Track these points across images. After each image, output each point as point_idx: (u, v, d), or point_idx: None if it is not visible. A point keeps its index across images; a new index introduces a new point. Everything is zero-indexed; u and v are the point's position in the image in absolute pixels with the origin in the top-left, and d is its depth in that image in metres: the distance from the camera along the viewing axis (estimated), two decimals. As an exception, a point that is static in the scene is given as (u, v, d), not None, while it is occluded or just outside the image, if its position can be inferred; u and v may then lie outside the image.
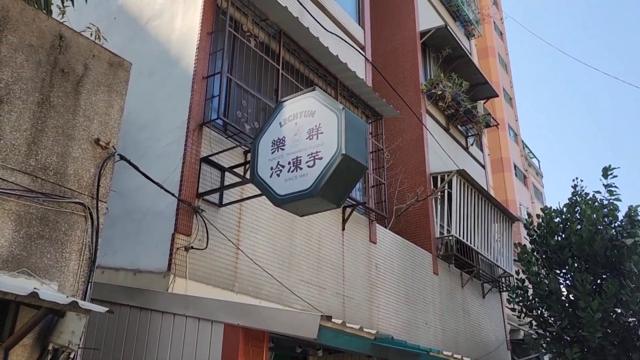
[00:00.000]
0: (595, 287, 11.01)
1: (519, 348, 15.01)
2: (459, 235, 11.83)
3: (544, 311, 11.73)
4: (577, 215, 11.86)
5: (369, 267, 9.21)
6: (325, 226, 8.27)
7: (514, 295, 12.13)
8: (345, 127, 5.08)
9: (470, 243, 12.16)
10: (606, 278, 11.00)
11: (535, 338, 11.86)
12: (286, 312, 5.12)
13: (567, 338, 11.13)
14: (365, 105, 9.90)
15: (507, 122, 31.44)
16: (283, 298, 6.99)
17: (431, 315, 10.78)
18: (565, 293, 11.46)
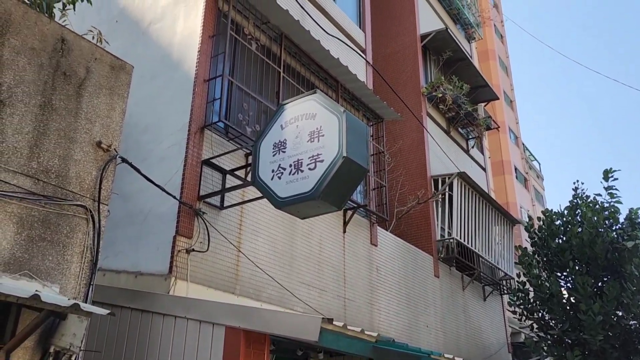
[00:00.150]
0: (596, 290, 11.00)
1: (520, 351, 14.98)
2: (460, 237, 11.82)
3: (545, 314, 11.71)
4: (578, 217, 11.85)
5: (370, 270, 9.20)
6: (326, 229, 8.26)
7: (515, 298, 12.12)
8: (346, 130, 5.08)
9: (471, 246, 12.15)
10: (607, 281, 10.99)
11: (536, 341, 11.84)
12: (287, 315, 5.11)
13: (568, 341, 11.10)
14: (366, 108, 9.90)
15: (508, 125, 31.45)
16: (284, 301, 6.99)
17: (432, 317, 10.76)
18: (566, 296, 11.44)
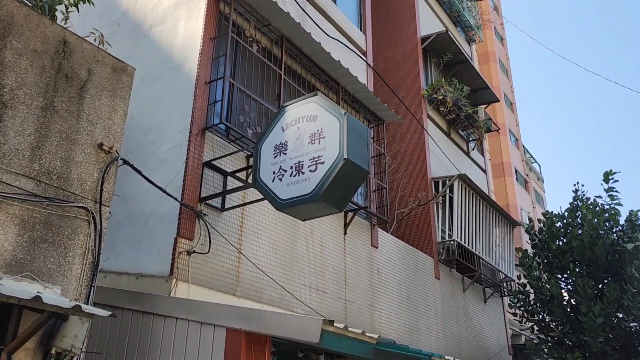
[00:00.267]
0: (596, 292, 10.99)
1: (521, 353, 14.96)
2: (461, 239, 11.81)
3: (546, 316, 11.70)
4: (579, 219, 11.84)
5: (371, 272, 9.19)
6: (327, 231, 8.26)
7: (516, 300, 12.10)
8: (347, 132, 5.08)
9: (471, 248, 12.15)
10: (607, 283, 10.98)
11: (536, 343, 11.83)
12: (288, 317, 5.11)
13: (569, 343, 11.09)
14: (366, 110, 9.91)
15: (508, 127, 31.43)
16: (285, 302, 6.98)
17: (433, 319, 10.75)
18: (566, 298, 11.43)
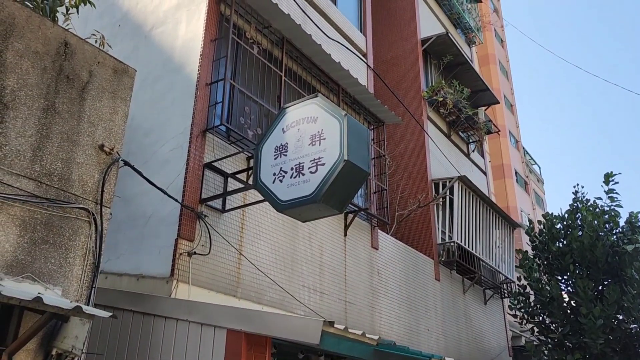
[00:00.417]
0: (596, 294, 10.97)
1: (521, 354, 14.94)
2: (461, 241, 11.80)
3: (546, 317, 11.68)
4: (579, 221, 11.82)
5: (371, 273, 9.19)
6: (327, 232, 8.26)
7: (516, 301, 12.09)
8: (347, 134, 5.08)
9: (471, 249, 12.14)
10: (607, 284, 10.96)
11: (536, 344, 11.81)
12: (288, 318, 5.10)
13: (569, 344, 11.07)
14: (367, 111, 9.91)
15: (508, 129, 31.44)
16: (285, 304, 6.98)
17: (433, 321, 10.74)
18: (566, 299, 11.41)
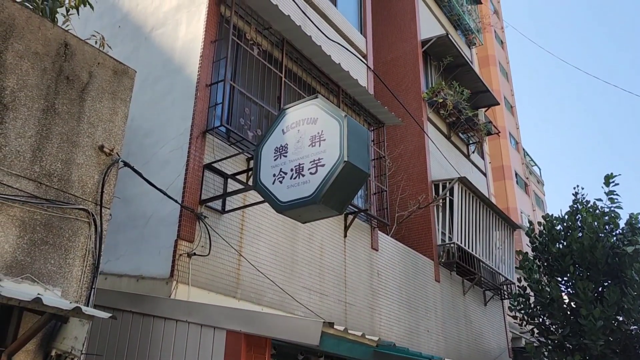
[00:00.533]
0: (596, 295, 10.96)
1: (521, 356, 14.92)
2: (461, 242, 11.80)
3: (546, 319, 11.67)
4: (579, 222, 11.82)
5: (371, 274, 9.18)
6: (327, 233, 8.26)
7: (516, 302, 12.08)
8: (347, 135, 5.08)
9: (471, 250, 12.13)
10: (608, 286, 10.95)
11: (536, 346, 11.79)
12: (288, 319, 5.10)
13: (569, 346, 11.06)
14: (367, 112, 9.91)
15: (508, 130, 31.45)
16: (285, 305, 6.98)
17: (433, 322, 10.73)
18: (566, 301, 11.40)
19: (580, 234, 11.41)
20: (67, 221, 4.23)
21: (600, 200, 11.89)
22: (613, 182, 11.65)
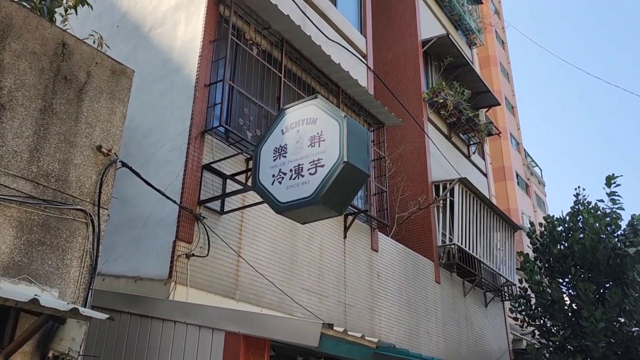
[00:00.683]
0: (598, 297, 10.95)
1: (522, 358, 14.90)
2: (461, 243, 11.79)
3: (547, 320, 11.66)
4: (580, 224, 11.81)
5: (371, 276, 9.18)
6: (327, 234, 8.25)
7: (517, 304, 12.07)
8: (347, 135, 5.08)
9: (472, 252, 12.13)
10: (609, 287, 10.94)
11: (538, 348, 11.78)
12: (287, 320, 5.10)
13: (570, 348, 11.05)
14: (367, 113, 9.91)
15: (509, 131, 31.46)
16: (284, 306, 6.97)
17: (433, 324, 10.73)
18: (568, 302, 11.39)
19: (581, 235, 11.40)
20: (65, 222, 4.23)
21: (601, 201, 11.89)
22: (615, 183, 11.65)
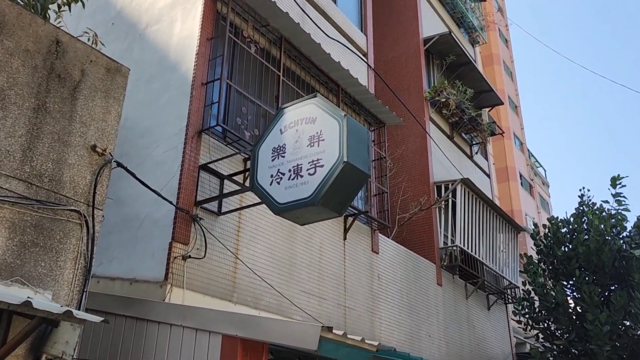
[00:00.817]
0: (603, 299, 10.95)
1: (525, 362, 14.92)
2: (464, 245, 11.79)
3: (551, 324, 11.66)
4: (585, 225, 11.81)
5: (371, 278, 9.18)
6: (326, 235, 8.25)
7: (520, 307, 12.06)
8: (347, 135, 5.08)
9: (475, 254, 12.12)
10: (614, 290, 10.94)
11: (541, 351, 11.78)
12: (286, 323, 5.09)
13: (575, 351, 11.04)
14: (367, 112, 9.91)
15: (513, 131, 31.47)
16: (283, 309, 6.97)
17: (435, 327, 10.73)
18: (572, 305, 11.39)
19: (586, 237, 11.40)
20: (58, 223, 4.22)
21: (607, 202, 11.90)
22: (620, 184, 11.65)
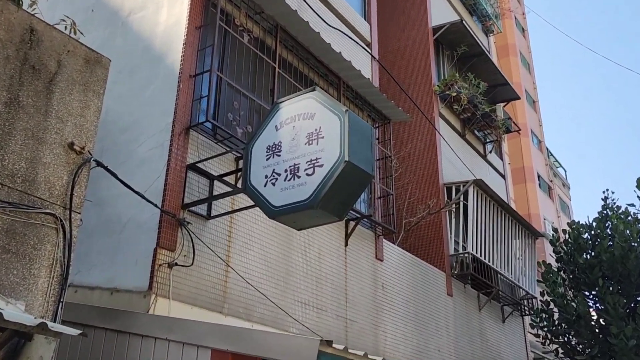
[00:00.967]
0: (628, 311, 10.95)
1: (544, 379, 14.92)
2: (476, 252, 11.79)
3: (572, 337, 11.67)
4: (608, 230, 11.82)
5: (375, 288, 9.18)
6: (325, 241, 8.25)
7: (538, 319, 12.07)
8: (348, 132, 5.08)
9: (488, 261, 12.12)
10: (641, 301, 10.96)
11: (561, 368, 11.79)
12: (281, 337, 5.10)
13: (598, 368, 11.05)
14: (371, 107, 9.92)
15: (530, 128, 31.51)
16: (278, 321, 6.97)
17: (444, 341, 10.72)
18: (595, 317, 11.39)
19: (610, 243, 11.40)
20: (32, 227, 4.22)
21: (632, 205, 11.93)
22: (646, 185, 11.65)
